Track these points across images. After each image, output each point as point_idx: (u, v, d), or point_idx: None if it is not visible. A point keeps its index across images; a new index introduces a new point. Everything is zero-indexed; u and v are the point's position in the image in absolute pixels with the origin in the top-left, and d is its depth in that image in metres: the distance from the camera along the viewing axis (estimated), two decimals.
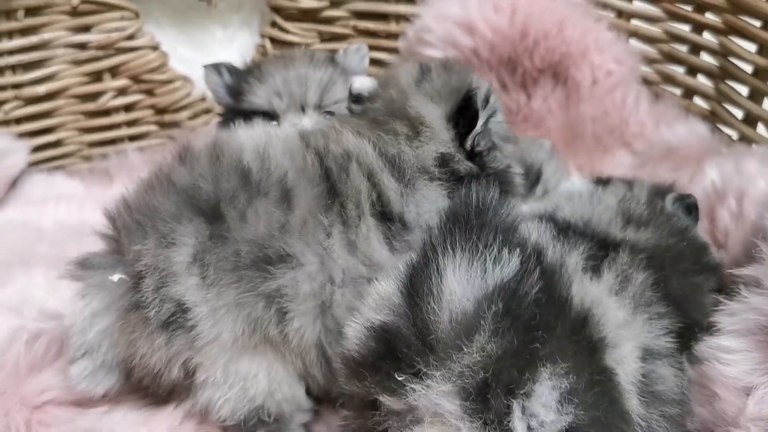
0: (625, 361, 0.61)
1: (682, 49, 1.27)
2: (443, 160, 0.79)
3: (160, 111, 1.42)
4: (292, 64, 1.08)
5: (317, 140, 0.78)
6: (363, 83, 0.89)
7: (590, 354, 0.59)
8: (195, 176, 0.72)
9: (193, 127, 1.44)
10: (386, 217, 0.74)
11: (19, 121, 1.33)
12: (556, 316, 0.59)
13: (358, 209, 0.73)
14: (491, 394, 0.55)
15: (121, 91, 1.39)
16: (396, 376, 0.58)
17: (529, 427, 0.55)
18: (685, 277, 0.73)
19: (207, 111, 1.46)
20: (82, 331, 0.74)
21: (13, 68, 1.31)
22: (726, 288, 0.71)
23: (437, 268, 0.59)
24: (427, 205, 0.76)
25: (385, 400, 0.58)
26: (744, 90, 1.17)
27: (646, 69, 1.30)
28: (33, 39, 1.30)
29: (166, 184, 0.73)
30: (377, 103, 0.85)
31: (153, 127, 1.44)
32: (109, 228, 0.77)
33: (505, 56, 1.29)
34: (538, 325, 0.57)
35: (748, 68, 1.15)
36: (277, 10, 1.41)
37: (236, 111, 1.05)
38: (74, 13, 1.31)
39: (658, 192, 0.86)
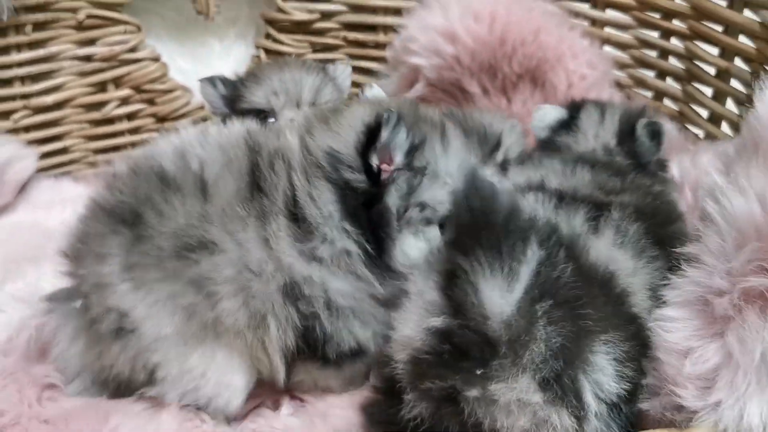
0: (641, 304, 0.73)
1: (652, 54, 1.34)
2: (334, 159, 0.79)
3: (161, 119, 1.50)
4: (288, 67, 1.17)
5: (260, 137, 0.82)
6: (375, 92, 0.99)
7: (620, 306, 0.71)
8: (116, 193, 0.79)
9: None
10: (295, 217, 0.77)
11: (27, 129, 1.41)
12: (589, 286, 0.69)
13: (274, 206, 0.76)
14: (566, 378, 0.64)
15: (124, 101, 1.47)
16: (476, 371, 0.64)
17: (597, 397, 0.65)
18: (665, 226, 0.86)
19: (205, 119, 1.53)
20: (64, 358, 0.84)
21: (22, 79, 1.39)
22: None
23: (471, 283, 0.64)
24: (326, 206, 0.78)
25: (470, 392, 0.64)
26: (708, 91, 1.24)
27: (618, 73, 1.37)
28: (41, 52, 1.38)
29: (94, 209, 0.81)
30: None
31: (154, 135, 1.51)
32: (65, 263, 0.84)
33: (485, 63, 1.36)
34: (583, 304, 0.67)
35: (712, 71, 1.22)
36: (271, 22, 1.49)
37: (231, 116, 1.13)
38: (80, 27, 1.39)
39: (630, 117, 1.00)
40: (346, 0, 1.48)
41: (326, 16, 1.49)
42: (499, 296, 0.64)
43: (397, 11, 1.47)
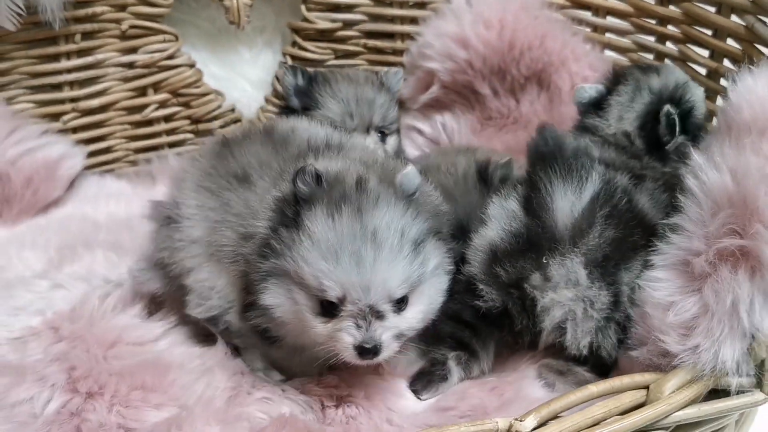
0: None
1: (649, 57, 1.45)
2: None
3: (195, 121, 1.62)
4: (361, 87, 1.32)
5: None
6: None
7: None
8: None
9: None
10: None
11: (75, 130, 1.54)
12: (639, 222, 0.90)
13: None
14: (610, 265, 0.86)
15: (162, 104, 1.59)
16: (543, 260, 0.87)
17: (629, 290, 0.87)
18: None
19: (236, 121, 1.66)
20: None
21: (71, 84, 1.51)
22: None
23: (548, 191, 0.88)
24: None
25: (533, 277, 0.87)
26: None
27: None
28: (88, 59, 1.51)
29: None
30: None
31: (189, 135, 1.64)
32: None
33: (495, 66, 1.48)
34: (634, 225, 0.89)
35: (703, 71, 1.33)
36: (296, 31, 1.62)
37: (296, 112, 1.26)
38: (123, 36, 1.52)
39: (661, 101, 1.10)
40: (367, 10, 1.60)
41: (348, 25, 1.62)
42: (569, 203, 0.87)
43: (413, 20, 1.59)
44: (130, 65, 1.55)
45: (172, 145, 1.63)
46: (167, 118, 1.61)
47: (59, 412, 0.86)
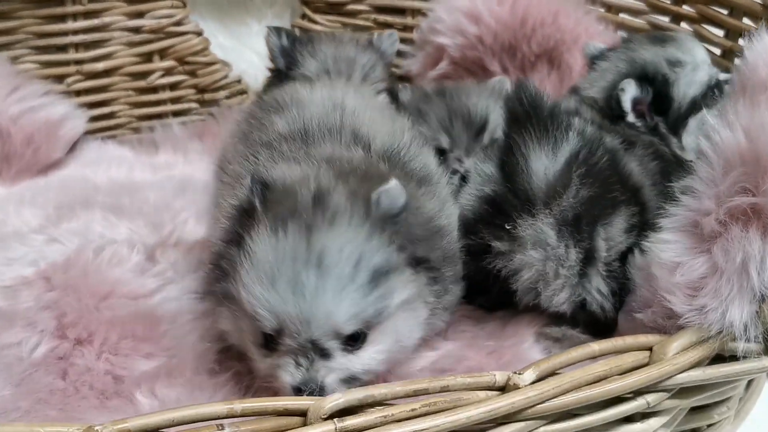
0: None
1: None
2: None
3: (201, 90, 1.61)
4: (342, 45, 1.28)
5: None
6: None
7: (635, 194, 0.90)
8: None
9: (230, 105, 1.62)
10: None
11: (78, 93, 1.52)
12: (621, 180, 0.89)
13: None
14: (583, 223, 0.84)
15: (168, 71, 1.58)
16: (506, 226, 0.84)
17: (607, 246, 0.85)
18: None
19: (241, 92, 1.64)
20: None
21: (76, 46, 1.50)
22: None
23: (522, 154, 0.84)
24: None
25: (496, 245, 0.84)
26: None
27: None
28: (95, 21, 1.49)
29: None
30: None
31: (194, 105, 1.62)
32: None
33: (506, 43, 1.46)
34: (613, 182, 0.87)
35: (717, 51, 1.31)
36: (306, 3, 1.60)
37: (285, 74, 1.23)
38: (131, 0, 1.51)
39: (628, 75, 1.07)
40: None
41: None
42: (543, 166, 0.84)
43: None
44: (137, 30, 1.53)
45: (176, 113, 1.61)
46: (173, 86, 1.60)
47: (47, 356, 0.84)
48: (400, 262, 0.72)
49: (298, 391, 0.70)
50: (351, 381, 0.72)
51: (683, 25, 1.39)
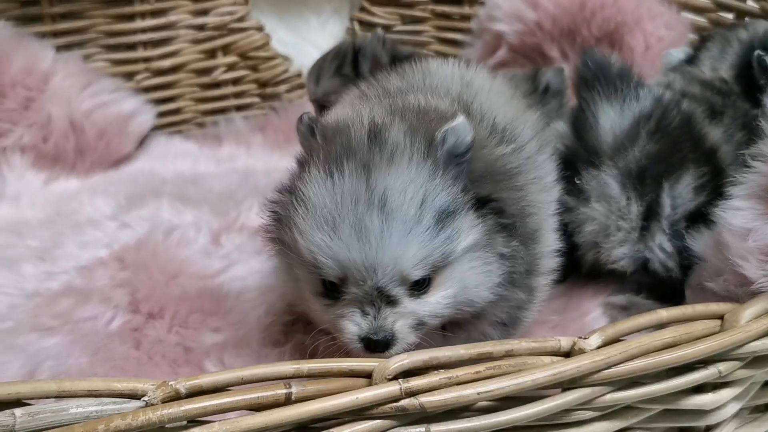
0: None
1: (728, 16, 1.39)
2: None
3: (263, 85, 1.65)
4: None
5: None
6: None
7: (710, 156, 0.89)
8: None
9: (290, 99, 1.66)
10: None
11: (147, 90, 1.58)
12: (693, 141, 0.88)
13: None
14: (648, 177, 0.85)
15: (231, 67, 1.62)
16: (575, 180, 0.86)
17: (672, 204, 0.85)
18: None
19: (302, 86, 1.67)
20: None
21: (145, 44, 1.56)
22: None
23: (591, 112, 0.88)
24: None
25: (565, 199, 0.86)
26: None
27: (694, 36, 1.43)
28: (161, 20, 1.55)
29: None
30: None
31: (256, 99, 1.66)
32: None
33: (565, 27, 1.45)
34: (683, 141, 0.87)
35: None
36: None
37: None
38: None
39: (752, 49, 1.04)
40: None
41: None
42: (610, 121, 0.86)
43: None
44: (201, 27, 1.58)
45: (239, 108, 1.65)
46: (235, 81, 1.64)
47: (121, 328, 0.88)
48: (465, 203, 0.68)
49: (366, 341, 0.66)
50: (419, 326, 0.68)
51: (749, 2, 1.35)
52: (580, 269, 0.94)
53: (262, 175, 1.40)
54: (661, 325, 0.71)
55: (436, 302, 0.68)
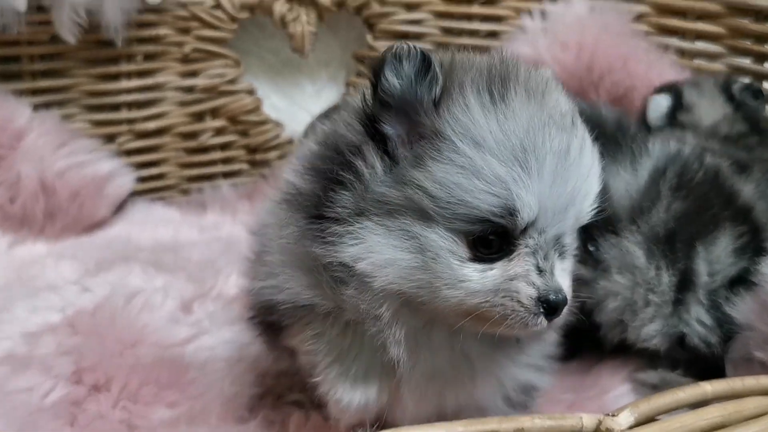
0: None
1: (745, 80, 1.31)
2: None
3: (252, 150, 1.56)
4: None
5: None
6: None
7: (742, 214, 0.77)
8: None
9: (281, 166, 1.56)
10: None
11: (129, 153, 1.49)
12: (724, 196, 0.77)
13: None
14: (678, 240, 0.71)
15: (219, 131, 1.54)
16: (589, 247, 0.73)
17: (709, 270, 0.72)
18: None
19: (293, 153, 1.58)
20: None
21: (129, 106, 1.48)
22: None
23: None
24: None
25: (580, 270, 0.69)
26: None
27: None
28: (148, 81, 1.48)
29: None
30: None
31: (245, 166, 1.57)
32: None
33: (573, 91, 1.35)
34: (714, 198, 0.76)
35: None
36: (362, 60, 1.56)
37: None
38: (185, 59, 1.49)
39: (724, 86, 1.02)
40: (436, 39, 1.53)
41: None
42: (624, 183, 0.75)
43: (485, 50, 1.51)
44: (190, 89, 1.50)
45: (226, 174, 1.56)
46: (223, 146, 1.55)
47: (57, 402, 0.75)
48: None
49: (547, 303, 0.56)
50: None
51: (767, 65, 1.27)
52: (601, 348, 0.81)
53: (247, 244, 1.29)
54: (704, 402, 0.59)
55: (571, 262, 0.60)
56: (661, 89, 1.13)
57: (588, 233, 0.75)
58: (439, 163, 0.55)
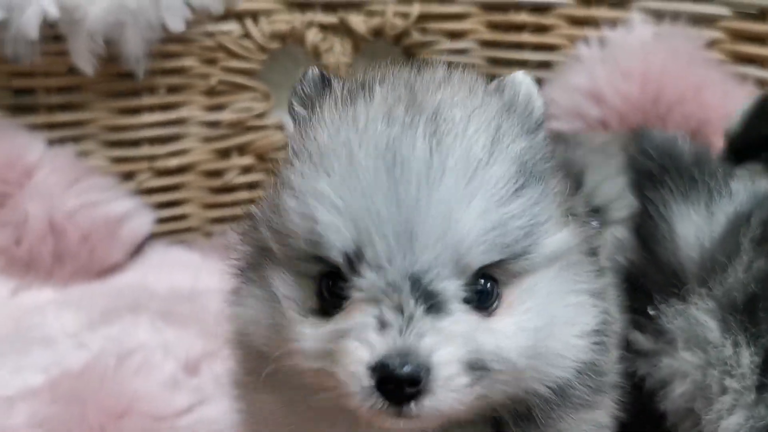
0: None
1: None
2: None
3: None
4: None
5: None
6: None
7: None
8: None
9: None
10: None
11: (149, 191, 1.38)
12: None
13: None
14: (761, 309, 0.57)
15: (246, 170, 1.43)
16: (649, 310, 0.61)
17: None
18: None
19: None
20: None
21: (150, 141, 1.38)
22: None
23: (662, 216, 0.63)
24: None
25: (636, 338, 0.61)
26: None
27: None
28: (171, 115, 1.38)
29: None
30: None
31: None
32: None
33: (636, 125, 1.22)
34: None
35: None
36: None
37: None
38: (211, 92, 1.39)
39: None
40: (483, 61, 1.41)
41: None
42: (694, 229, 0.60)
43: (537, 81, 1.37)
44: (215, 124, 1.40)
45: None
46: (250, 186, 1.43)
47: None
48: (554, 171, 0.46)
49: (382, 372, 0.38)
50: (474, 369, 0.40)
51: None
52: None
53: None
54: None
55: (509, 329, 0.41)
56: None
57: (645, 291, 0.62)
58: (285, 182, 0.46)
